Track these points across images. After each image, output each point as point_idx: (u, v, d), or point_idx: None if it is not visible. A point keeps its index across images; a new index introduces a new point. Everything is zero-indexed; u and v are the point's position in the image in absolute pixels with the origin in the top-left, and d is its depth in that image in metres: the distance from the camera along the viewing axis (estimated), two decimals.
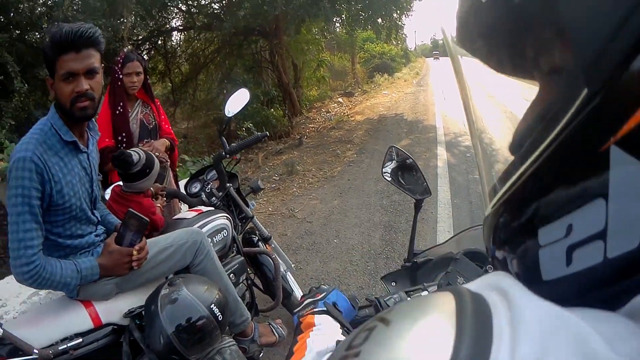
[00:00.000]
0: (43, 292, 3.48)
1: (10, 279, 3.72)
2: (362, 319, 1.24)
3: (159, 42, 12.55)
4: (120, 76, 3.17)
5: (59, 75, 1.83)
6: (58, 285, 1.88)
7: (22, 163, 1.74)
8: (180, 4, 12.75)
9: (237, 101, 3.06)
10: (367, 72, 27.40)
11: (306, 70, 16.32)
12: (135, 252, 2.03)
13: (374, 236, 5.15)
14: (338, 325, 1.06)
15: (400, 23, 14.82)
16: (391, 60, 32.21)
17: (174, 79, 14.03)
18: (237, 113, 3.07)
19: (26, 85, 5.77)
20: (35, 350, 1.78)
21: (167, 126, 3.51)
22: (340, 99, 18.09)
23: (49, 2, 6.38)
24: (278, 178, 7.99)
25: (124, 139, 3.23)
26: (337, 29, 16.27)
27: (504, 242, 0.46)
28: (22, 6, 6.47)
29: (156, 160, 2.53)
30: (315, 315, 1.09)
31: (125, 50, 3.37)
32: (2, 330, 1.77)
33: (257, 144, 3.42)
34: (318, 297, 1.18)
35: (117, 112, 3.21)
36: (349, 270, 4.42)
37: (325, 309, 1.12)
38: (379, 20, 13.32)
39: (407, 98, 18.99)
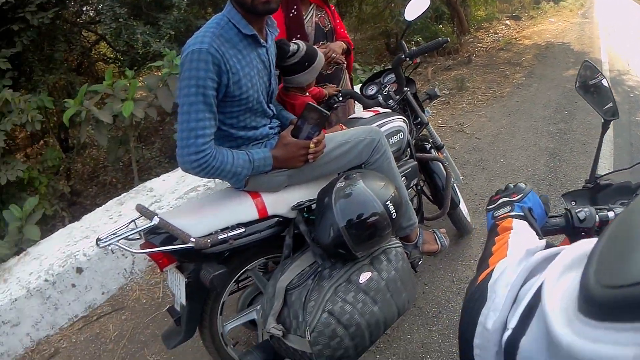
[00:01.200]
0: (201, 188, 3.68)
1: (167, 176, 4.04)
2: (551, 228, 1.25)
3: None
4: None
5: None
6: (227, 175, 1.87)
7: (197, 55, 1.71)
8: None
9: (417, 6, 2.89)
10: None
11: None
12: (312, 145, 1.99)
13: (539, 161, 5.05)
14: (534, 232, 1.02)
15: None
16: None
17: None
18: (417, 18, 2.91)
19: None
20: (192, 239, 1.79)
21: (342, 30, 3.41)
22: (507, 22, 17.08)
23: None
24: (448, 92, 7.97)
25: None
26: None
27: None
28: None
29: (319, 56, 2.48)
30: (514, 220, 1.06)
31: None
32: (158, 219, 1.79)
33: (436, 50, 3.26)
34: (515, 198, 1.15)
35: (291, 14, 3.14)
36: None
37: (522, 213, 1.10)
38: None
39: (572, 28, 17.48)
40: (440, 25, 12.77)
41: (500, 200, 1.17)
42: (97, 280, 3.20)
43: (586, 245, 0.59)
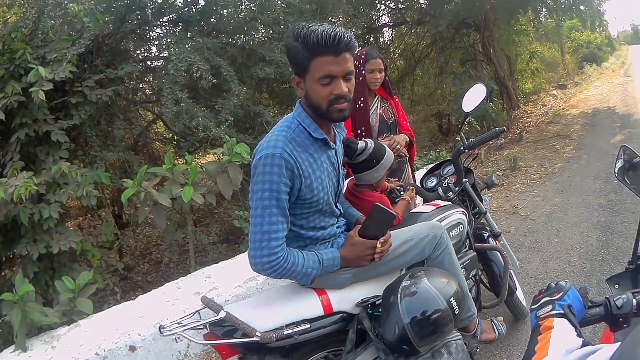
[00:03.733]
0: (261, 278, 3.65)
1: (225, 264, 4.06)
2: (591, 318, 1.27)
3: (371, 39, 12.78)
4: (363, 72, 3.19)
5: (313, 76, 1.81)
6: (298, 275, 1.91)
7: (270, 159, 1.76)
8: (389, 1, 12.93)
9: (474, 96, 2.97)
10: (577, 63, 25.66)
11: (519, 62, 15.65)
12: (379, 245, 2.01)
13: (592, 237, 4.98)
14: (573, 329, 1.10)
15: (601, 9, 13.68)
16: (597, 49, 29.66)
17: (390, 75, 13.86)
18: (475, 109, 2.99)
19: (244, 87, 5.97)
20: (258, 333, 1.80)
21: (405, 122, 3.51)
22: (554, 92, 17.13)
23: (252, 5, 6.28)
24: (501, 174, 8.00)
25: (363, 132, 3.28)
26: (542, 19, 15.32)
27: None
28: (225, 12, 6.63)
29: (388, 153, 2.54)
30: (555, 319, 1.14)
31: (366, 47, 3.40)
32: (224, 312, 1.83)
33: (494, 139, 3.30)
34: (555, 297, 1.22)
35: (358, 106, 3.24)
36: (567, 270, 4.32)
37: (563, 311, 1.17)
38: (582, 7, 12.40)
39: (616, 90, 17.41)
40: (491, 103, 12.84)
41: (543, 300, 1.23)
42: None
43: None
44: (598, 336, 2.98)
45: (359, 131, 3.31)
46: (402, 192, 2.93)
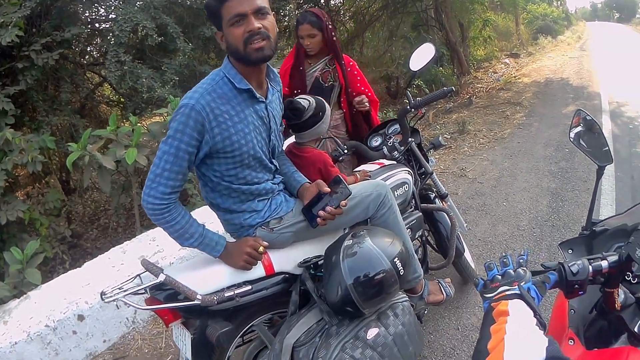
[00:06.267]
0: None
1: None
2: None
3: (322, 0, 12.68)
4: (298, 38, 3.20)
5: (226, 22, 1.80)
6: (174, 234, 1.88)
7: (182, 109, 1.76)
8: None
9: (422, 56, 2.93)
10: (531, 34, 26.07)
11: (472, 29, 15.83)
12: (323, 214, 1.99)
13: (542, 202, 5.07)
14: (532, 313, 1.02)
15: None
16: (553, 23, 30.21)
17: (339, 37, 13.89)
18: (422, 68, 2.94)
19: (190, 44, 5.85)
20: (199, 296, 1.79)
21: (360, 86, 3.41)
22: (506, 60, 17.35)
23: None
24: (449, 136, 8.02)
25: (299, 93, 3.21)
26: None
27: None
28: None
29: (326, 104, 2.50)
30: (509, 302, 1.05)
31: (306, 10, 3.32)
32: (164, 276, 1.79)
33: (441, 99, 3.25)
34: (515, 286, 1.14)
35: (296, 69, 3.27)
36: (516, 235, 4.37)
37: (519, 292, 1.10)
38: None
39: (571, 62, 17.79)
40: (441, 67, 12.93)
41: (500, 289, 1.15)
42: (98, 328, 3.16)
43: None
44: (550, 302, 3.01)
45: (295, 92, 3.26)
46: (345, 151, 2.91)
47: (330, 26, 3.18)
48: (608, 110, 9.39)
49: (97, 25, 7.15)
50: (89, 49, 7.66)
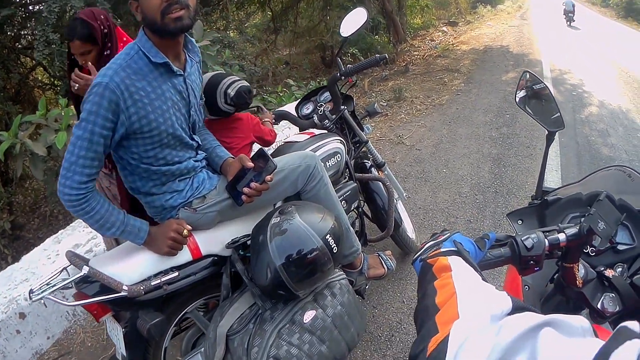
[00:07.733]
0: None
1: None
2: (495, 260, 1.14)
3: None
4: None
5: None
6: (95, 224, 1.75)
7: (96, 89, 1.63)
8: None
9: (354, 21, 2.84)
10: (470, 3, 26.44)
11: None
12: (247, 190, 1.90)
13: (483, 168, 5.13)
14: (471, 268, 0.88)
15: None
16: None
17: (274, 7, 13.85)
18: (354, 33, 2.84)
19: (119, 20, 5.81)
20: (125, 287, 1.69)
21: None
22: (444, 28, 17.56)
23: None
24: (385, 104, 8.00)
25: None
26: None
27: None
28: None
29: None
30: (448, 257, 0.92)
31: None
32: (88, 268, 1.70)
33: (374, 67, 3.16)
34: (441, 239, 1.02)
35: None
36: (458, 201, 4.39)
37: (455, 248, 0.97)
38: None
39: (511, 31, 18.21)
40: (377, 36, 12.95)
41: (427, 246, 1.04)
42: (41, 325, 3.06)
43: None
44: (498, 280, 3.03)
45: None
46: (273, 121, 2.86)
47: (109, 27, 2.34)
48: (550, 77, 9.66)
49: (31, 8, 6.91)
50: (22, 33, 7.38)
